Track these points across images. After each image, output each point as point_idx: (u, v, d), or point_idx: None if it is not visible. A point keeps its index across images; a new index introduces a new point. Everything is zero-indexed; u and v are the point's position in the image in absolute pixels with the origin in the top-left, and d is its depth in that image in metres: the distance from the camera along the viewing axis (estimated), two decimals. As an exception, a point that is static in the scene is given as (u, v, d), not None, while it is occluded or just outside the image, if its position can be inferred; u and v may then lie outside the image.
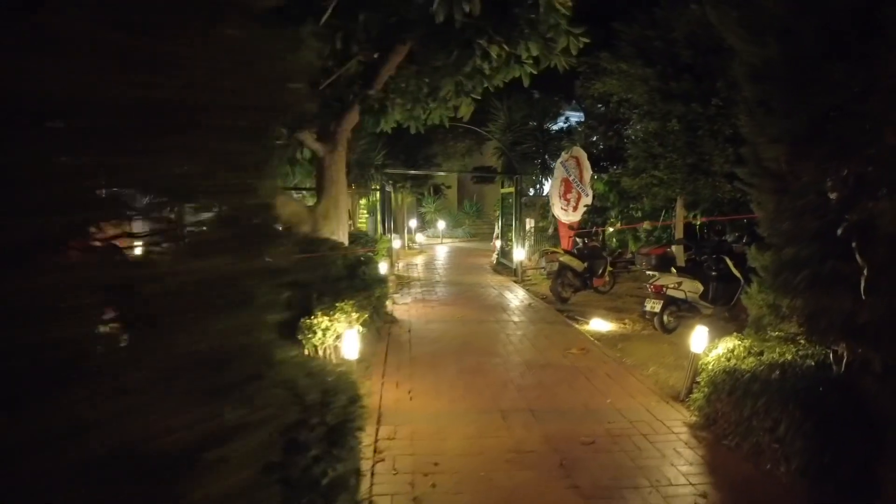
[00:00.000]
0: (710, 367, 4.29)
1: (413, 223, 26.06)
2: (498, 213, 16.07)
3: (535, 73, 7.64)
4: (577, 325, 7.68)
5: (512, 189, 14.05)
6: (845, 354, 3.53)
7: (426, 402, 4.65)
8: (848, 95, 3.24)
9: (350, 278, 6.81)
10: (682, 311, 7.25)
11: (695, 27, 8.21)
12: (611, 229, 12.64)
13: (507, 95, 15.18)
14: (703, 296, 7.29)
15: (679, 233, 9.41)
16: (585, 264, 9.78)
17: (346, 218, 8.61)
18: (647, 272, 7.51)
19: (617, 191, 10.10)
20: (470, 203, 27.74)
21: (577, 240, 10.44)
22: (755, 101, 3.85)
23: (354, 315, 5.12)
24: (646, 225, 13.28)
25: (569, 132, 12.86)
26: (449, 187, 30.18)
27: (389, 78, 8.44)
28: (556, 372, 5.45)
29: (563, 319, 7.82)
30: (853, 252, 3.30)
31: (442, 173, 18.30)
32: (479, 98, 8.81)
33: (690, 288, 7.20)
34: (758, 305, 3.92)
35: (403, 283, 11.16)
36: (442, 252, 19.72)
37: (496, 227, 16.54)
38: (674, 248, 8.83)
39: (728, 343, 4.42)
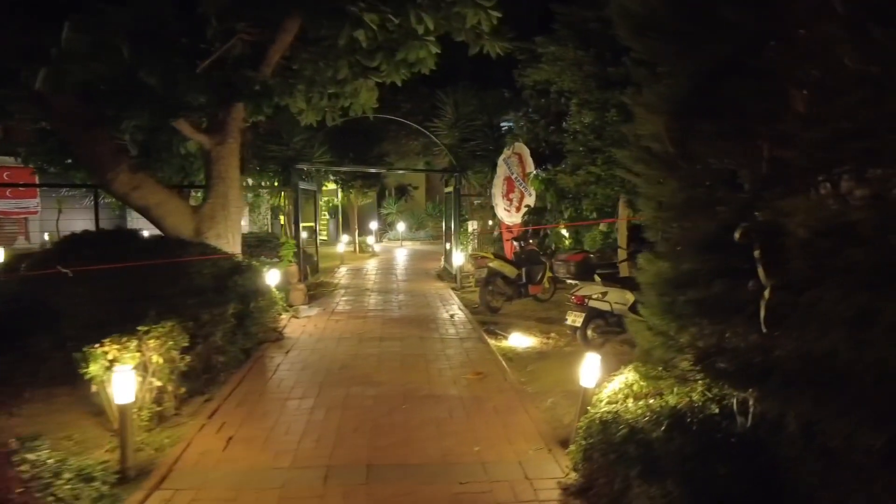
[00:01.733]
0: (595, 409, 3.33)
1: (374, 225, 25.08)
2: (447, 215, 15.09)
3: (438, 51, 6.67)
4: (494, 341, 6.69)
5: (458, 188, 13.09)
6: (752, 405, 2.58)
7: (242, 455, 3.62)
8: (741, 43, 2.29)
9: (217, 291, 5.75)
10: (609, 326, 6.31)
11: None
12: (564, 231, 11.71)
13: (455, 89, 14.31)
14: (634, 307, 6.35)
15: (622, 235, 8.47)
16: (519, 270, 8.82)
17: (238, 219, 7.55)
18: (568, 281, 6.56)
19: (554, 190, 9.18)
20: (434, 205, 26.71)
21: (516, 243, 9.47)
22: (639, 62, 2.90)
23: (163, 343, 4.04)
24: (602, 227, 12.39)
25: (510, 128, 11.87)
26: (416, 188, 29.14)
27: (285, 61, 7.42)
28: (435, 406, 4.45)
29: (480, 335, 6.84)
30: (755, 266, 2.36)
31: (373, 170, 17.20)
32: (382, 82, 7.84)
33: (618, 298, 6.25)
34: (645, 332, 2.96)
35: (325, 291, 10.11)
36: (396, 255, 18.69)
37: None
38: (620, 251, 7.91)
39: (629, 375, 3.47)
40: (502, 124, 13.38)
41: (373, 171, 16.82)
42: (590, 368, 3.67)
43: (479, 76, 15.56)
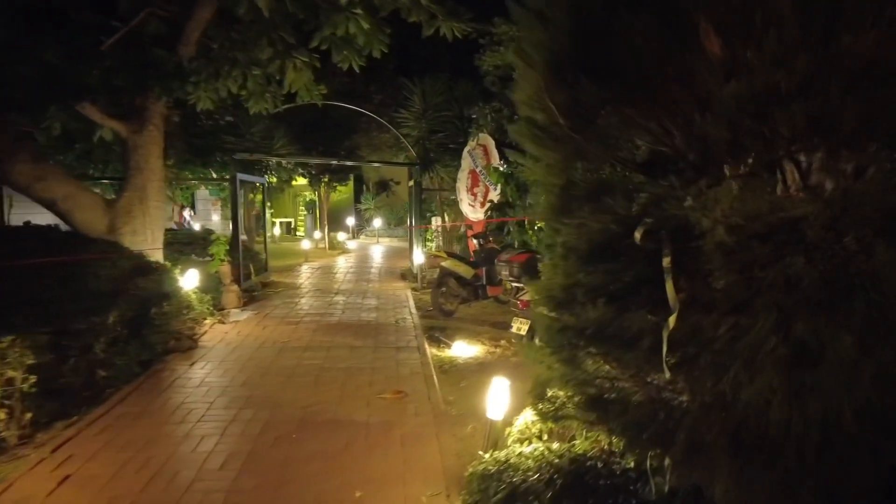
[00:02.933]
0: (496, 453, 2.67)
1: (350, 220, 24.37)
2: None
3: (367, 26, 5.97)
4: (435, 350, 6.03)
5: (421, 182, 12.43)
6: (667, 466, 1.92)
7: (68, 502, 2.94)
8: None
9: (112, 295, 5.04)
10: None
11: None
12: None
13: (422, 78, 13.59)
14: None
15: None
16: (477, 270, 8.15)
17: (160, 215, 6.83)
18: (512, 285, 5.90)
19: (515, 184, 8.52)
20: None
21: (476, 241, 8.80)
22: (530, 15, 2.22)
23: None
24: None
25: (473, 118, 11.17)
26: (398, 183, 28.36)
27: (207, 40, 6.69)
28: (333, 435, 3.78)
29: (421, 344, 6.16)
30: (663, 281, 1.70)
31: (318, 161, 16.43)
32: (317, 66, 7.14)
33: (570, 305, 5.59)
34: (539, 363, 2.29)
35: (270, 293, 9.41)
36: (368, 253, 18.00)
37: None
38: None
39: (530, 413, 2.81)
40: (473, 116, 12.67)
41: (328, 162, 16.08)
42: (497, 396, 3.01)
43: (455, 67, 14.92)
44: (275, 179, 20.34)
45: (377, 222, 23.10)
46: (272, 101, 7.84)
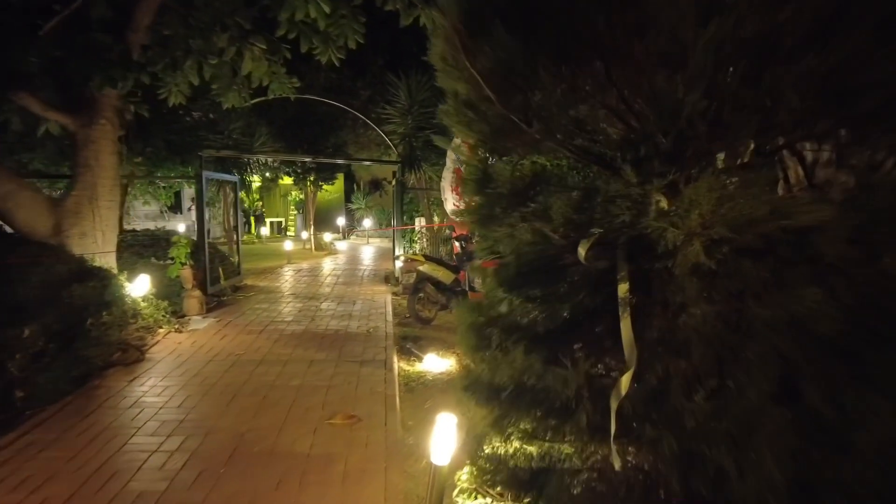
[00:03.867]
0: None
1: (340, 220, 23.86)
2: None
3: (328, 10, 5.46)
4: (404, 364, 5.54)
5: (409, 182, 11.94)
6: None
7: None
8: None
9: (42, 303, 4.54)
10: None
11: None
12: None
13: (409, 73, 13.09)
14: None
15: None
16: (457, 275, 7.66)
17: (112, 215, 6.32)
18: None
19: (498, 182, 8.06)
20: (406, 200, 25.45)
21: (458, 243, 8.30)
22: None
23: None
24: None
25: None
26: (390, 182, 27.78)
27: (158, 27, 6.18)
28: (265, 470, 3.28)
29: (389, 357, 5.66)
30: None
31: (306, 159, 15.87)
32: (287, 56, 6.67)
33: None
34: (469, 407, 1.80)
35: (239, 297, 8.90)
36: (355, 254, 17.49)
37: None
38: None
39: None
40: None
41: (304, 160, 15.54)
42: (443, 436, 2.51)
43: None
44: (257, 178, 19.86)
45: (368, 222, 22.58)
46: (239, 94, 7.36)
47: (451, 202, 10.04)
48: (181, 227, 20.05)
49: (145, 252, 7.44)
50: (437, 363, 5.48)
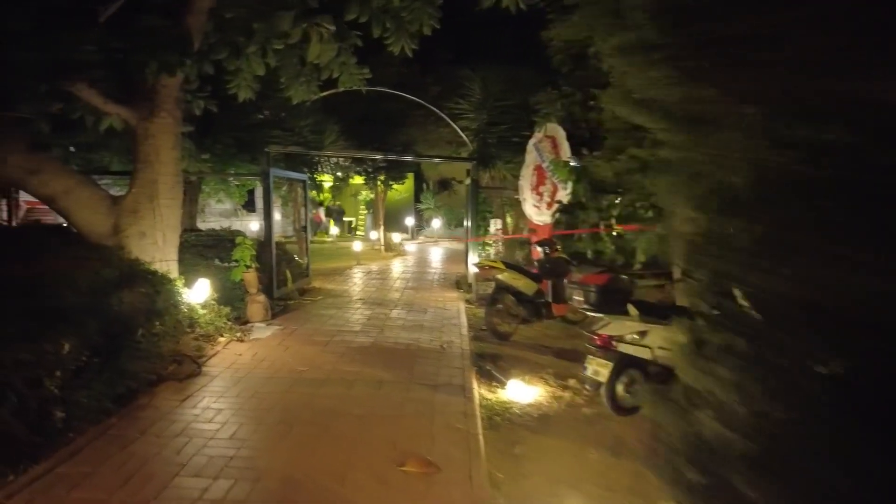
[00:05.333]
0: None
1: (409, 221, 23.41)
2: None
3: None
4: (484, 391, 4.78)
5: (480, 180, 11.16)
6: None
7: None
8: None
9: (87, 312, 4.12)
10: (650, 381, 4.28)
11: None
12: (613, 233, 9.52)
13: (483, 65, 12.34)
14: (688, 354, 4.29)
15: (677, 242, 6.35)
16: (540, 285, 6.82)
17: (172, 214, 5.93)
18: (588, 314, 4.54)
19: (587, 181, 7.12)
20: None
21: (540, 249, 7.45)
22: None
23: None
24: (659, 229, 10.14)
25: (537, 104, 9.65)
26: (460, 182, 27.18)
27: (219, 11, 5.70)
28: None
29: (467, 381, 4.92)
30: None
31: (377, 157, 15.32)
32: (358, 44, 6.10)
33: (664, 340, 4.22)
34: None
35: (306, 302, 8.43)
36: (424, 255, 16.92)
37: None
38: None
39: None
40: (539, 105, 11.23)
41: (374, 157, 15.04)
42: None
43: (518, 55, 13.57)
44: (329, 178, 19.70)
45: (437, 223, 22.00)
46: (307, 87, 6.87)
47: (530, 202, 9.20)
48: (254, 226, 20.25)
49: (208, 253, 7.06)
50: (522, 391, 4.68)
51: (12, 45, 4.54)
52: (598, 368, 4.20)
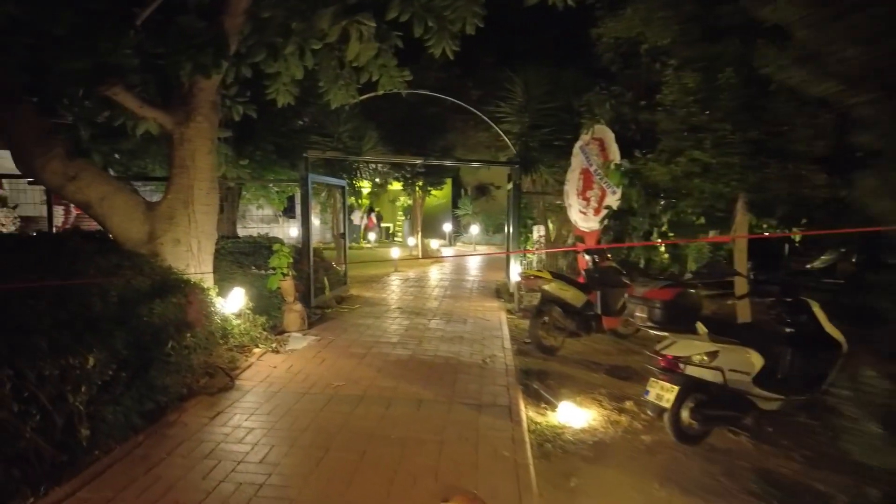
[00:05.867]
0: None
1: (447, 227, 23.12)
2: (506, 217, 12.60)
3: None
4: (532, 413, 4.41)
5: (524, 185, 10.75)
6: None
7: None
8: None
9: (119, 323, 3.95)
10: (717, 408, 3.84)
11: None
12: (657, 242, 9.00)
13: (526, 67, 11.96)
14: (764, 377, 3.85)
15: (740, 252, 5.83)
16: (589, 296, 6.41)
17: (208, 221, 5.78)
18: (650, 330, 4.11)
19: (642, 185, 6.67)
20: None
21: (588, 258, 7.03)
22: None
23: None
24: (712, 234, 9.55)
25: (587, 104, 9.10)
26: (498, 187, 26.80)
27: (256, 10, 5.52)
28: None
29: (513, 400, 4.56)
30: None
31: (418, 161, 14.99)
32: (399, 45, 5.84)
33: (736, 363, 3.78)
34: None
35: (344, 310, 8.21)
36: (463, 262, 16.59)
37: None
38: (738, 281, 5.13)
39: None
40: (582, 108, 10.74)
41: (416, 162, 14.75)
42: None
43: (562, 57, 13.14)
44: (367, 184, 19.61)
45: (475, 229, 21.66)
46: (347, 90, 6.66)
47: (576, 208, 8.79)
48: (293, 232, 20.32)
49: (245, 260, 6.92)
50: (575, 414, 4.29)
51: (52, 50, 4.45)
52: (661, 393, 3.78)
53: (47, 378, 3.24)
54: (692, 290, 3.98)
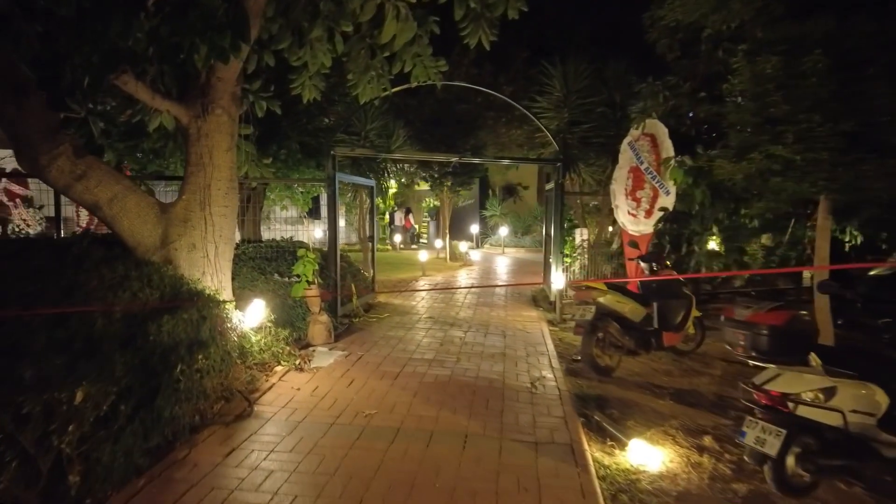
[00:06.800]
0: None
1: (474, 228, 22.45)
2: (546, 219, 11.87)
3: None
4: (598, 453, 3.76)
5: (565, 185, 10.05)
6: None
7: None
8: None
9: (125, 345, 3.42)
10: (832, 455, 3.14)
11: None
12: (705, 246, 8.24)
13: (565, 59, 11.25)
14: (891, 420, 3.14)
15: (821, 260, 5.07)
16: (648, 309, 5.72)
17: (227, 224, 5.25)
18: (749, 361, 3.41)
19: (707, 184, 5.94)
20: (545, 206, 23.40)
21: (644, 265, 6.33)
22: None
23: None
24: (764, 239, 8.75)
25: (636, 95, 8.31)
26: (526, 187, 26.09)
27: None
28: None
29: (573, 436, 3.91)
30: None
31: (454, 159, 14.32)
32: (435, 31, 5.24)
33: (858, 402, 3.08)
34: None
35: (372, 319, 7.63)
36: (492, 266, 15.94)
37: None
38: (818, 301, 4.37)
39: None
40: (631, 107, 9.95)
41: (450, 160, 14.10)
42: None
43: (601, 49, 12.42)
44: (394, 185, 19.08)
45: (503, 230, 20.96)
46: (377, 82, 6.08)
47: (624, 209, 8.06)
48: (318, 233, 19.91)
49: (267, 266, 6.38)
50: (647, 454, 3.62)
51: (57, 33, 3.95)
52: (763, 436, 3.10)
53: (29, 416, 2.71)
54: (804, 314, 3.29)
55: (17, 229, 12.33)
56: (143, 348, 3.48)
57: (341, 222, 21.67)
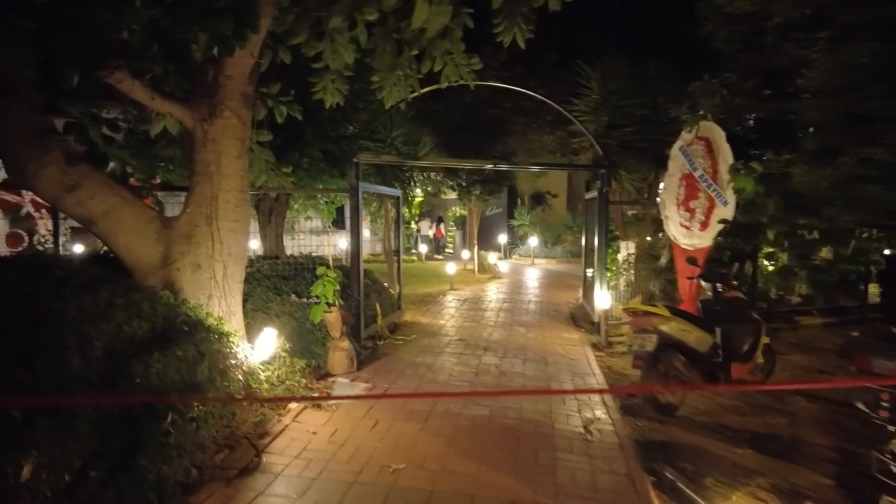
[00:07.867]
0: None
1: (502, 238, 21.70)
2: (587, 230, 11.08)
3: None
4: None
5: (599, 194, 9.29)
6: None
7: None
8: None
9: (99, 389, 2.82)
10: None
11: None
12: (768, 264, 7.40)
13: (603, 59, 10.51)
14: None
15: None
16: (715, 338, 4.95)
17: (237, 241, 4.66)
18: (890, 427, 2.65)
19: (781, 192, 5.16)
20: (575, 215, 22.60)
21: (706, 285, 5.55)
22: None
23: None
24: (824, 252, 7.86)
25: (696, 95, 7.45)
26: (555, 196, 25.26)
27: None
28: None
29: (643, 502, 3.19)
30: None
31: (487, 166, 13.66)
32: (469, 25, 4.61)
33: None
34: None
35: (398, 342, 6.98)
36: (523, 278, 15.19)
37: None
38: None
39: None
40: (675, 112, 9.08)
41: (482, 167, 13.52)
42: None
43: (642, 50, 11.66)
44: (420, 194, 18.50)
45: (533, 241, 20.18)
46: (404, 82, 5.49)
47: (676, 220, 7.27)
48: (342, 244, 19.42)
49: (284, 286, 5.79)
50: (743, 531, 2.88)
51: (42, 24, 3.44)
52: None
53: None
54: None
55: (42, 240, 12.08)
56: (128, 391, 2.88)
57: (366, 233, 21.17)
